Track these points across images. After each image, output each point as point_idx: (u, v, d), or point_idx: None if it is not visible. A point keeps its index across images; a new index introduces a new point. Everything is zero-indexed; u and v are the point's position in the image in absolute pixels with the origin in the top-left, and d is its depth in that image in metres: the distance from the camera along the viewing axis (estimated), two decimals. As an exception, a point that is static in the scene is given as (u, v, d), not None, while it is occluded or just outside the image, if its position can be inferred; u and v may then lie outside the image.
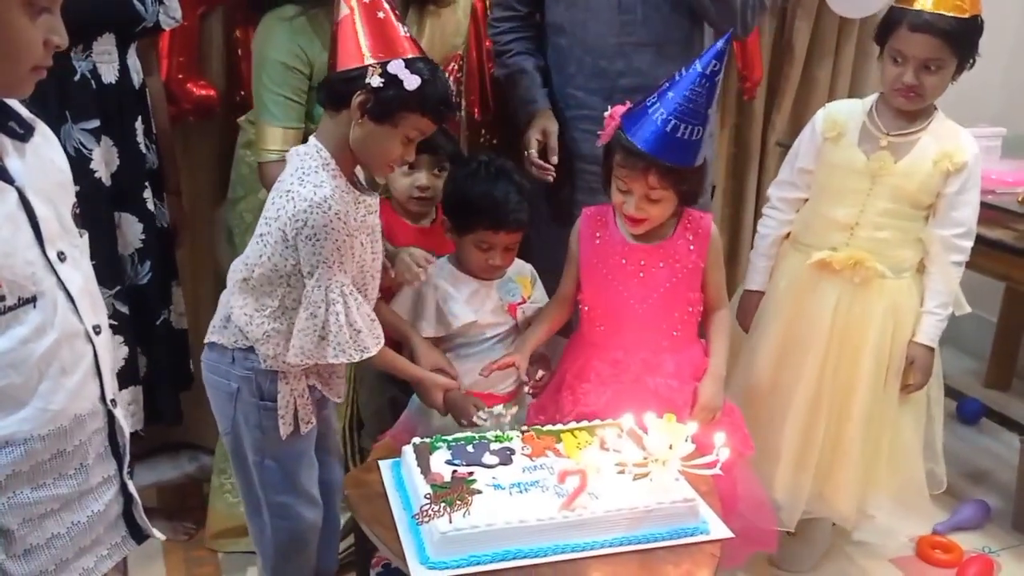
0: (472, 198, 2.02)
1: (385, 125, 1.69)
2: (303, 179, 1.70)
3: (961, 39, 2.05)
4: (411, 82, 1.64)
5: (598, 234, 2.10)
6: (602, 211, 2.12)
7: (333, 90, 1.72)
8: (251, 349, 1.79)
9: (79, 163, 2.04)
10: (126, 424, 1.32)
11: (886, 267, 2.19)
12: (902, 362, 2.24)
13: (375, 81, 1.65)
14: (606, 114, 2.01)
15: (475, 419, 1.94)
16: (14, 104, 1.21)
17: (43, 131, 1.27)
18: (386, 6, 1.70)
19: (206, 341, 1.87)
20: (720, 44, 1.87)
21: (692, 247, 2.06)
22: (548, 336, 2.15)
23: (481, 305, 2.10)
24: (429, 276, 2.06)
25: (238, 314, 1.78)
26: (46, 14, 1.12)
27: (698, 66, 1.87)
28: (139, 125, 2.18)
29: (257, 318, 1.77)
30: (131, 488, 1.34)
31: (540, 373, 2.12)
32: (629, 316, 2.05)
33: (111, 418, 1.29)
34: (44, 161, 1.24)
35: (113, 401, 1.29)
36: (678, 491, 1.69)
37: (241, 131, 2.35)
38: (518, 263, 2.17)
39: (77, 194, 1.32)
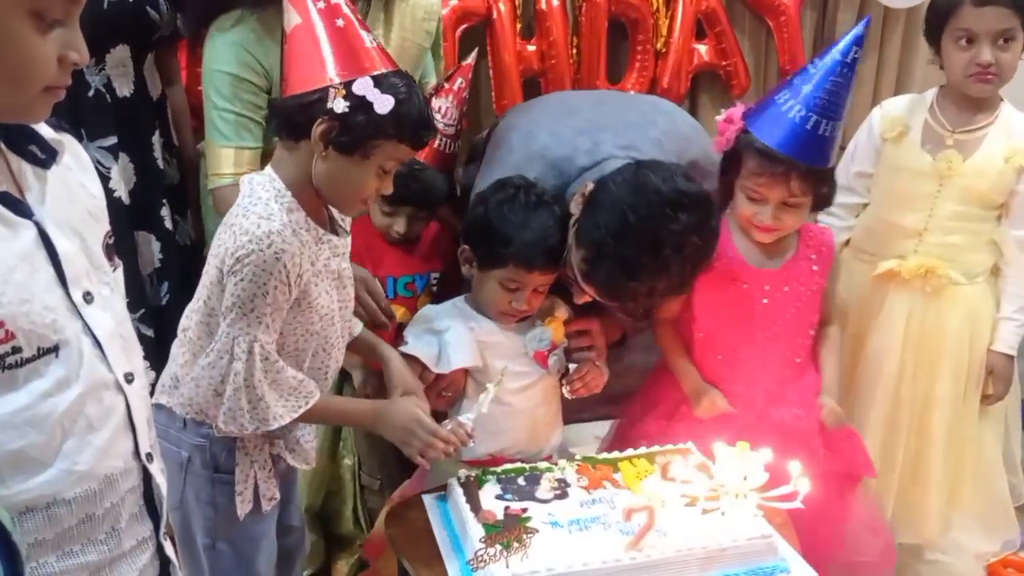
0: (506, 229, 1.76)
1: (355, 156, 1.44)
2: (248, 211, 1.46)
3: None
4: (383, 104, 1.39)
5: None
6: None
7: (288, 118, 1.47)
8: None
9: (97, 184, 1.94)
10: (162, 480, 1.19)
11: (959, 273, 2.08)
12: (981, 373, 2.13)
13: (339, 106, 1.39)
14: (719, 118, 1.85)
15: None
16: (37, 124, 1.07)
17: (74, 151, 1.13)
18: (346, 11, 1.45)
19: (153, 402, 1.54)
20: (860, 29, 1.74)
21: (816, 267, 1.92)
22: None
23: (502, 352, 1.84)
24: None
25: (182, 373, 1.56)
26: (59, 27, 0.97)
27: (837, 54, 1.72)
28: (157, 139, 2.08)
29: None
30: (168, 550, 1.21)
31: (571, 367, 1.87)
32: (751, 345, 1.90)
33: (147, 474, 1.16)
34: (72, 188, 1.11)
35: (149, 456, 1.16)
36: (754, 526, 1.56)
37: (203, 158, 2.13)
38: (550, 300, 1.91)
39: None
